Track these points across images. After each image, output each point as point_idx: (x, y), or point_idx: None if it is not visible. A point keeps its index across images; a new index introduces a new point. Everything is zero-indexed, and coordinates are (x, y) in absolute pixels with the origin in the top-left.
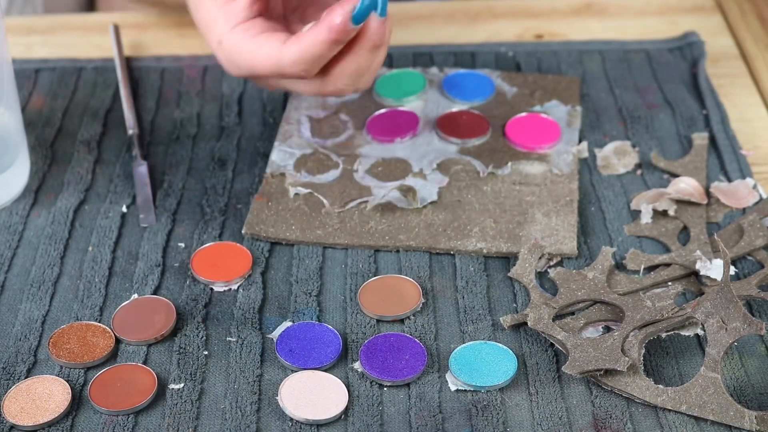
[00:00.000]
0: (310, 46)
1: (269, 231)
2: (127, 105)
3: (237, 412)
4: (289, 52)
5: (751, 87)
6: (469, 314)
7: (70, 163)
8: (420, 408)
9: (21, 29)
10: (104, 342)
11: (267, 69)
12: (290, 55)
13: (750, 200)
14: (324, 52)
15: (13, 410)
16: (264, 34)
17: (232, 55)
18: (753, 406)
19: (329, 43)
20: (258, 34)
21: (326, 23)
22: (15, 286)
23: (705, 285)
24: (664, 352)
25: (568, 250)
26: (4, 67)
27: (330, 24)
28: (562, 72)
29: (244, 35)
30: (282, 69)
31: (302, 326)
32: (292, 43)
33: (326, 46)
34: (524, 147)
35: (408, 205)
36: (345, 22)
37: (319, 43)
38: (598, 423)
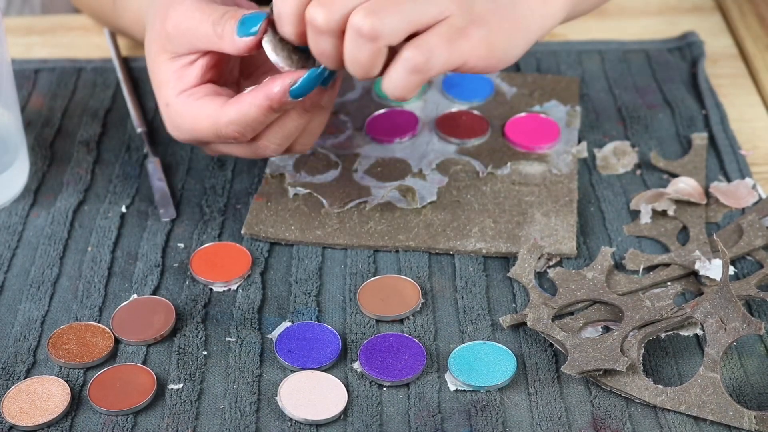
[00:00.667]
0: (247, 109)
1: (269, 231)
2: (131, 104)
3: (236, 412)
4: (227, 112)
5: (750, 87)
6: (468, 314)
7: (69, 163)
8: (419, 408)
9: (20, 29)
10: (103, 342)
11: (206, 130)
12: (228, 116)
13: (749, 200)
14: (260, 117)
15: (13, 410)
16: (207, 97)
17: (177, 118)
18: (752, 406)
19: (265, 110)
20: (202, 97)
21: (264, 90)
22: (14, 286)
23: (704, 285)
24: (664, 352)
25: (567, 250)
26: (4, 68)
27: (267, 92)
28: (561, 72)
29: (188, 99)
30: (219, 129)
31: (301, 326)
32: (231, 104)
33: (262, 112)
34: (523, 147)
35: (407, 205)
36: (282, 93)
37: (255, 107)
38: (598, 423)
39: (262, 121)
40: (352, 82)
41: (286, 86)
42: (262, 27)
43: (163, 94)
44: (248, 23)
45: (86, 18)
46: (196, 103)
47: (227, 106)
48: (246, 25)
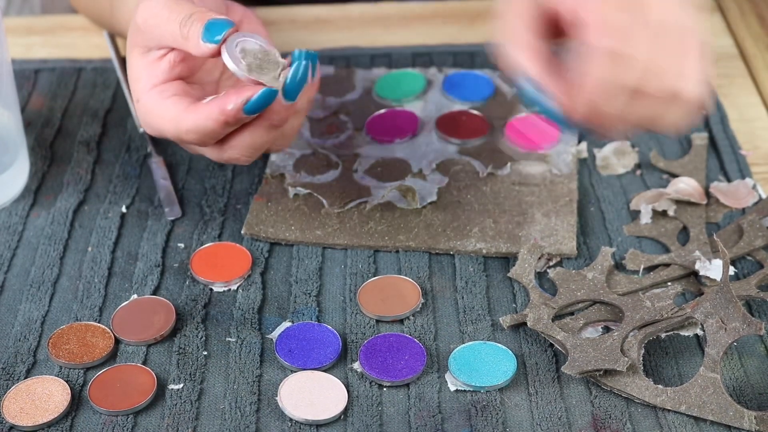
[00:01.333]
0: (204, 120)
1: (269, 231)
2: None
3: (236, 412)
4: (186, 120)
5: (750, 87)
6: (468, 314)
7: (69, 163)
8: (419, 408)
9: (20, 30)
10: (104, 342)
11: (169, 132)
12: (186, 124)
13: (749, 200)
14: (216, 129)
15: (13, 410)
16: (174, 97)
17: (146, 115)
18: (752, 406)
19: (220, 123)
20: (169, 97)
21: (219, 104)
22: (14, 286)
23: (704, 285)
24: (664, 352)
25: (567, 250)
26: (4, 68)
27: (221, 107)
28: None
29: (157, 97)
30: (180, 135)
31: (302, 326)
32: (190, 112)
33: (217, 125)
34: (524, 147)
35: (407, 205)
36: (237, 110)
37: (211, 120)
38: (598, 423)
39: (219, 132)
40: (352, 83)
41: (239, 104)
42: (225, 35)
43: (136, 89)
44: (213, 30)
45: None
46: (162, 103)
47: (186, 113)
48: (210, 32)
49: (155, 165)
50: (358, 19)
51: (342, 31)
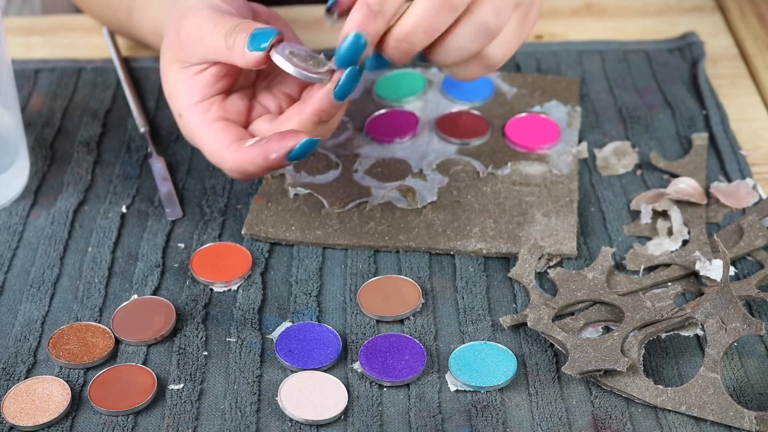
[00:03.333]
0: (247, 164)
1: (269, 231)
2: (134, 104)
3: (237, 412)
4: (229, 159)
5: (750, 87)
6: (468, 315)
7: (69, 163)
8: (420, 408)
9: (21, 30)
10: (104, 342)
11: (211, 159)
12: (229, 163)
13: (750, 200)
14: (258, 172)
15: (13, 411)
16: (218, 123)
17: (189, 133)
18: (753, 407)
19: (264, 169)
20: (213, 122)
21: (263, 152)
22: (15, 286)
23: (704, 285)
24: (664, 352)
25: (567, 250)
26: (4, 68)
27: (265, 155)
28: (561, 72)
29: (201, 117)
30: (221, 167)
31: (302, 327)
32: (233, 152)
33: (260, 170)
34: (524, 147)
35: (408, 205)
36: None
37: (254, 165)
38: (598, 423)
39: (261, 175)
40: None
41: (282, 154)
42: (272, 42)
43: (176, 105)
44: (259, 38)
45: (86, 18)
46: (206, 128)
47: (229, 152)
48: (257, 40)
49: (156, 165)
50: None
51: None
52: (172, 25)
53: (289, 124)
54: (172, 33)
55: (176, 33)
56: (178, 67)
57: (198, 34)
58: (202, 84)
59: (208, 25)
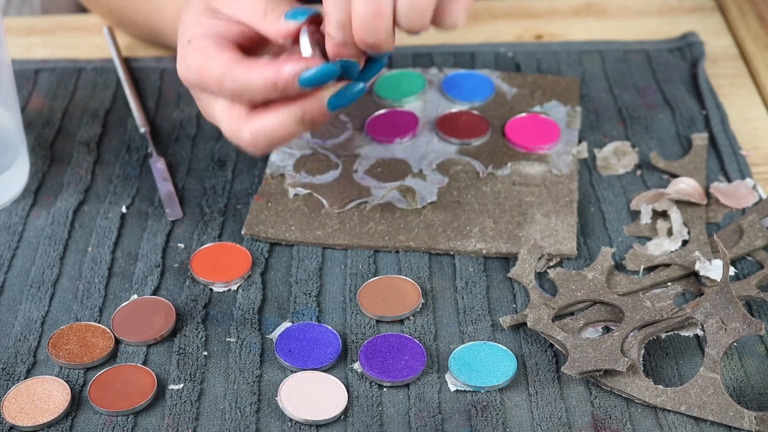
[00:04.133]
0: (255, 76)
1: (269, 231)
2: (134, 104)
3: (236, 412)
4: (236, 69)
5: (750, 87)
6: (468, 315)
7: (69, 163)
8: (419, 408)
9: (21, 30)
10: (104, 342)
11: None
12: (235, 73)
13: (750, 200)
14: (262, 89)
15: (13, 411)
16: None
17: (192, 57)
18: (752, 407)
19: (269, 85)
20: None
21: (276, 66)
22: (15, 286)
23: (704, 285)
24: (664, 352)
25: (567, 250)
26: (4, 68)
27: (278, 69)
28: (561, 72)
29: (210, 41)
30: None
31: (302, 327)
32: (242, 64)
33: (266, 85)
34: (524, 147)
35: (408, 205)
36: (292, 75)
37: (262, 78)
38: (598, 423)
39: (263, 95)
40: None
41: (297, 70)
42: (310, 16)
43: (188, 32)
44: (299, 11)
45: (86, 18)
46: (215, 48)
47: (238, 64)
48: (297, 12)
49: (156, 165)
50: None
51: None
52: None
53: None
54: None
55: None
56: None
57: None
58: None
59: None
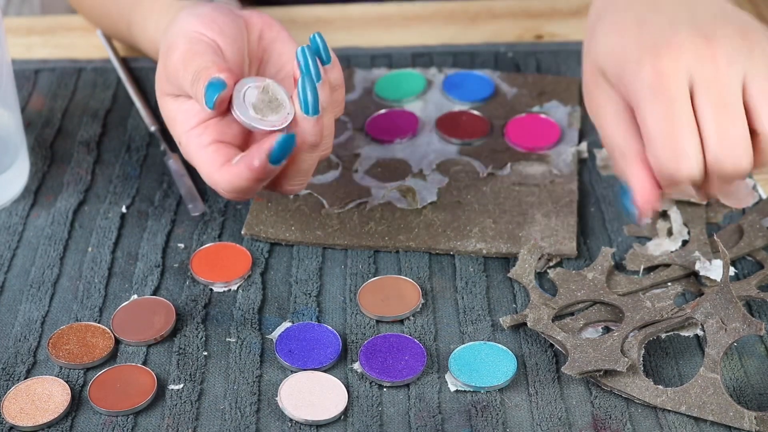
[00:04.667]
0: (237, 180)
1: (269, 232)
2: (140, 104)
3: (236, 412)
4: (221, 180)
5: None
6: (468, 315)
7: (69, 163)
8: (419, 408)
9: (21, 30)
10: (104, 343)
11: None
12: (222, 184)
13: (750, 200)
14: (251, 186)
15: (13, 411)
16: (212, 146)
17: (188, 158)
18: (752, 407)
19: (253, 181)
20: (207, 146)
21: (246, 164)
22: (14, 286)
23: (704, 285)
24: (664, 352)
25: (567, 250)
26: (4, 68)
27: (249, 166)
28: (561, 72)
29: (196, 142)
30: (217, 190)
31: (302, 327)
32: (223, 173)
33: (251, 183)
34: (524, 147)
35: (408, 205)
36: (263, 164)
37: (243, 179)
38: (598, 423)
39: (255, 189)
40: (352, 83)
41: (264, 158)
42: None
43: (175, 132)
44: (211, 90)
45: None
46: (199, 152)
47: (219, 174)
48: (210, 92)
49: (172, 162)
50: (358, 19)
51: (342, 31)
52: (161, 57)
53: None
54: (160, 66)
55: (163, 68)
56: (171, 99)
57: (174, 74)
58: (195, 110)
59: (180, 67)
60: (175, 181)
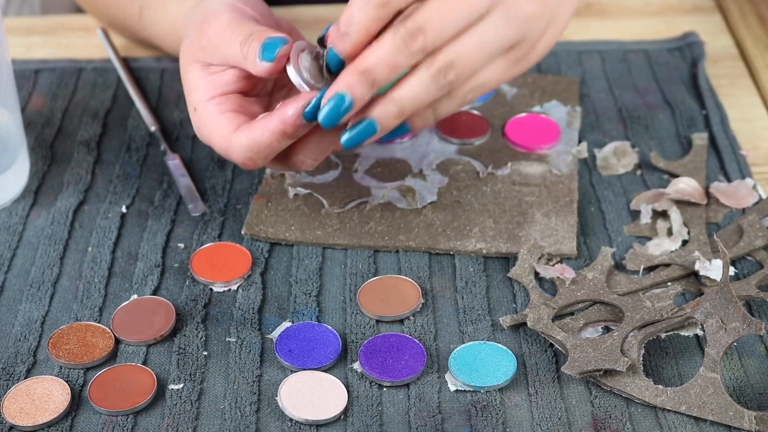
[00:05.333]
0: (260, 135)
1: (269, 231)
2: (140, 104)
3: (236, 412)
4: (239, 138)
5: (750, 87)
6: (468, 314)
7: (69, 163)
8: (419, 408)
9: (21, 30)
10: (104, 342)
11: (220, 148)
12: (239, 142)
13: (750, 200)
14: (273, 143)
15: (13, 411)
16: (230, 113)
17: (200, 125)
18: (752, 407)
19: (279, 135)
20: (225, 111)
21: (278, 114)
22: (15, 286)
23: (704, 285)
24: (664, 352)
25: (567, 250)
26: (4, 68)
27: (282, 116)
28: (561, 72)
29: (215, 109)
30: (229, 153)
31: (302, 326)
32: (243, 130)
33: (275, 137)
34: (524, 147)
35: (408, 205)
36: (297, 116)
37: (269, 132)
38: (598, 423)
39: (275, 148)
40: None
41: (300, 108)
42: (280, 53)
43: (193, 99)
44: (269, 48)
45: (86, 18)
46: (217, 117)
47: (239, 132)
48: (267, 50)
49: (172, 162)
50: None
51: None
52: (194, 27)
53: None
54: (193, 34)
55: (197, 36)
56: (199, 66)
57: (217, 40)
58: (222, 82)
59: (226, 32)
60: (175, 181)
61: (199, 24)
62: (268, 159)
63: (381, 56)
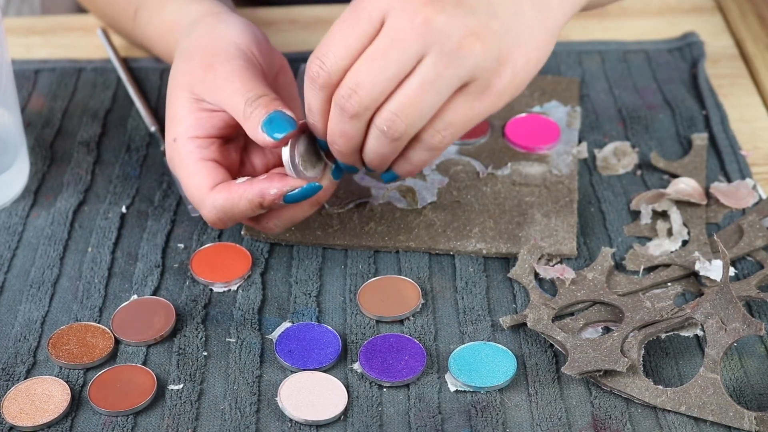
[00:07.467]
0: (237, 200)
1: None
2: (140, 104)
3: (236, 412)
4: (215, 198)
5: (750, 87)
6: (468, 315)
7: (69, 163)
8: (419, 409)
9: (21, 30)
10: (104, 343)
11: (191, 198)
12: (214, 201)
13: (749, 201)
14: (247, 211)
15: (13, 411)
16: (210, 162)
17: (177, 160)
18: (752, 407)
19: (255, 206)
20: (206, 160)
21: (260, 187)
22: (14, 287)
23: (704, 286)
24: (664, 352)
25: (567, 250)
26: (4, 68)
27: (263, 191)
28: (561, 72)
29: (196, 152)
30: (201, 208)
31: (302, 327)
32: (221, 191)
33: (251, 207)
34: (524, 147)
35: (408, 205)
36: (277, 196)
37: (246, 201)
38: (598, 424)
39: (247, 215)
40: None
41: (283, 191)
42: (285, 137)
43: (175, 130)
44: (275, 124)
45: (86, 18)
46: (196, 163)
47: (217, 192)
48: (272, 125)
49: None
50: None
51: None
52: (199, 54)
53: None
54: (197, 62)
55: (202, 68)
56: (191, 98)
57: (222, 83)
58: (209, 124)
59: (234, 81)
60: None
61: (207, 55)
62: (237, 222)
63: (331, 129)
